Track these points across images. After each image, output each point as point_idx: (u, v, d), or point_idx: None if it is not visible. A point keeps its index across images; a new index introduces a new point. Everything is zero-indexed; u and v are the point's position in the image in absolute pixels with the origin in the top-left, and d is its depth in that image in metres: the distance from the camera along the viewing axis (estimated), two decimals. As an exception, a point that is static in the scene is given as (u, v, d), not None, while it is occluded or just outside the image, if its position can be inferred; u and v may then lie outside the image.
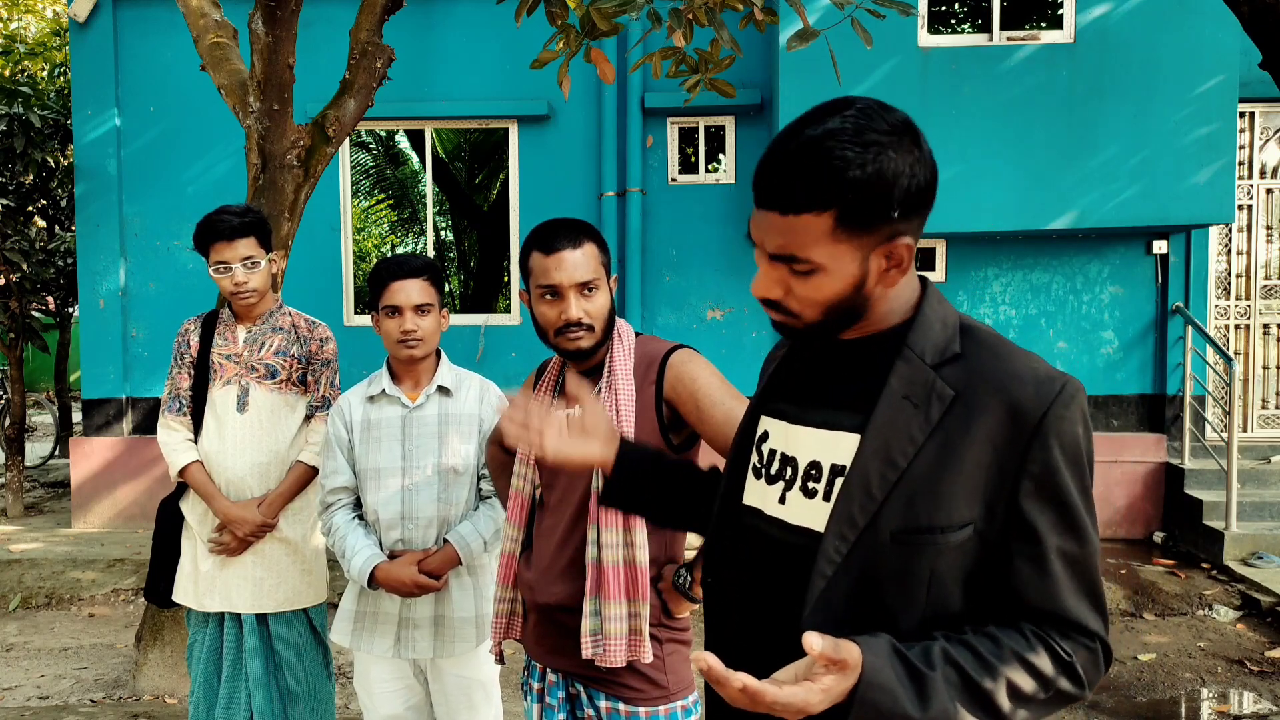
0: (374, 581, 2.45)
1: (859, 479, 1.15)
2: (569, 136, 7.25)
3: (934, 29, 6.74)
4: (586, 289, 1.94)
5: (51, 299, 8.95)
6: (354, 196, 7.65)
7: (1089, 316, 7.07)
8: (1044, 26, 6.64)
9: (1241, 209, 7.12)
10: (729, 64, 3.55)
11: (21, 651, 5.19)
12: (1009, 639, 1.13)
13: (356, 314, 7.45)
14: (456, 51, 7.23)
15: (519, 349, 7.23)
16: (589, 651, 1.88)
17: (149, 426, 7.15)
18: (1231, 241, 7.19)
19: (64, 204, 8.52)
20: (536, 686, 2.09)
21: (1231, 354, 6.81)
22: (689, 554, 2.01)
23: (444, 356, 2.64)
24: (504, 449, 2.32)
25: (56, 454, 10.26)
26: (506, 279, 7.94)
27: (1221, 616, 5.45)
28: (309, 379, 3.02)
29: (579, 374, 2.06)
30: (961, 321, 1.21)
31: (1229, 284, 7.21)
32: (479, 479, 2.59)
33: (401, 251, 12.85)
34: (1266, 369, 7.25)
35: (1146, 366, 7.05)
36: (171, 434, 2.98)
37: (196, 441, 2.98)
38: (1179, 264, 7.01)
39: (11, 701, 4.46)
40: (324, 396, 3.02)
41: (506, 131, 7.37)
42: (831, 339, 1.22)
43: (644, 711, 1.93)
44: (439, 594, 2.51)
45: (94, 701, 4.39)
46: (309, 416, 3.02)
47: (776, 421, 1.29)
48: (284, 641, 2.96)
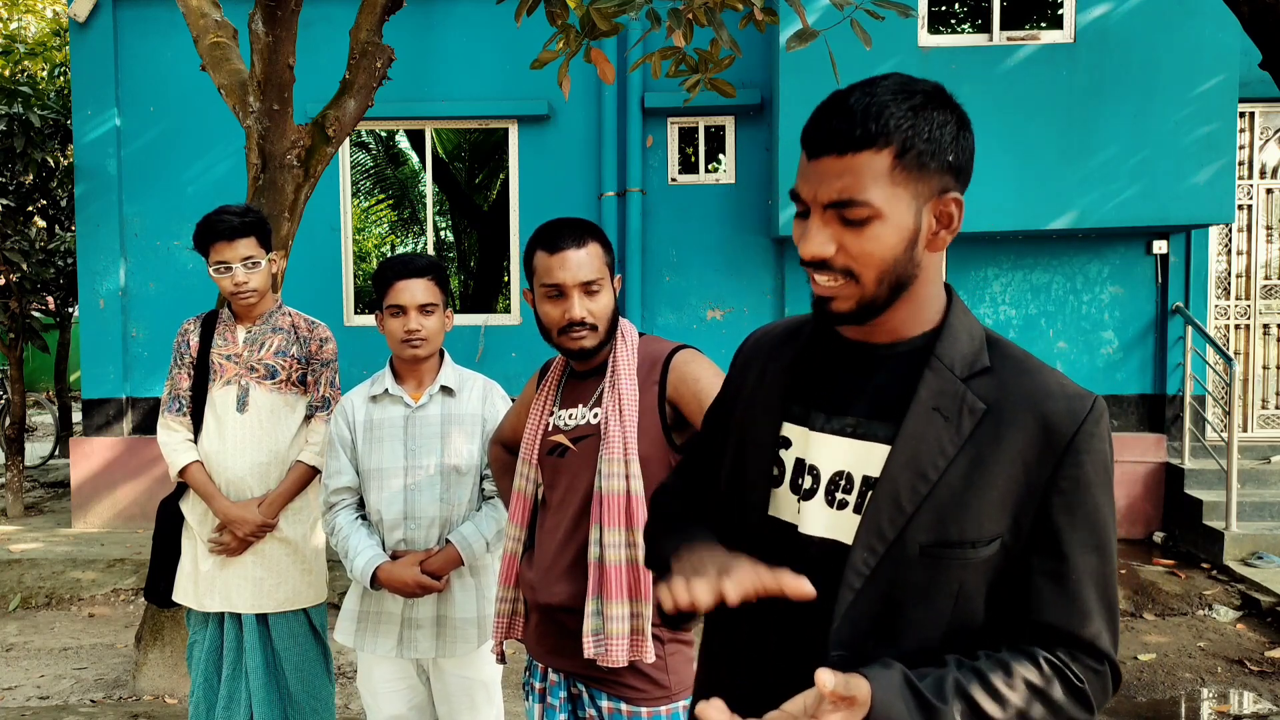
0: (376, 582, 2.46)
1: (888, 491, 1.14)
2: (569, 136, 7.25)
3: (934, 29, 6.74)
4: (590, 288, 1.94)
5: (51, 299, 8.94)
6: (354, 196, 7.65)
7: (1089, 316, 7.07)
8: (1044, 26, 6.65)
9: (1241, 209, 7.12)
10: (729, 64, 3.54)
11: (21, 651, 5.19)
12: (1023, 668, 1.12)
13: (356, 314, 7.45)
14: (456, 51, 7.22)
15: (519, 349, 7.23)
16: (591, 651, 1.88)
17: (149, 426, 7.15)
18: (1231, 241, 7.19)
19: (64, 204, 8.51)
20: (538, 686, 2.09)
21: (1231, 354, 6.81)
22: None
23: (447, 356, 2.64)
24: (506, 448, 2.32)
25: (56, 454, 10.25)
26: (506, 279, 7.93)
27: (1221, 616, 5.45)
28: (309, 379, 3.02)
29: (581, 373, 2.06)
30: (987, 334, 1.21)
31: (1229, 284, 7.21)
32: (481, 479, 2.58)
33: (402, 251, 12.83)
34: (1266, 369, 7.26)
35: (1146, 366, 7.05)
36: (171, 434, 2.98)
37: (196, 442, 2.98)
38: (1179, 264, 7.01)
39: (11, 701, 4.46)
40: (324, 396, 3.02)
41: (506, 131, 7.37)
42: (877, 316, 1.16)
43: (646, 711, 1.93)
44: (441, 594, 2.51)
45: (94, 701, 4.39)
46: (309, 416, 3.02)
47: (797, 428, 1.26)
48: (284, 641, 2.96)
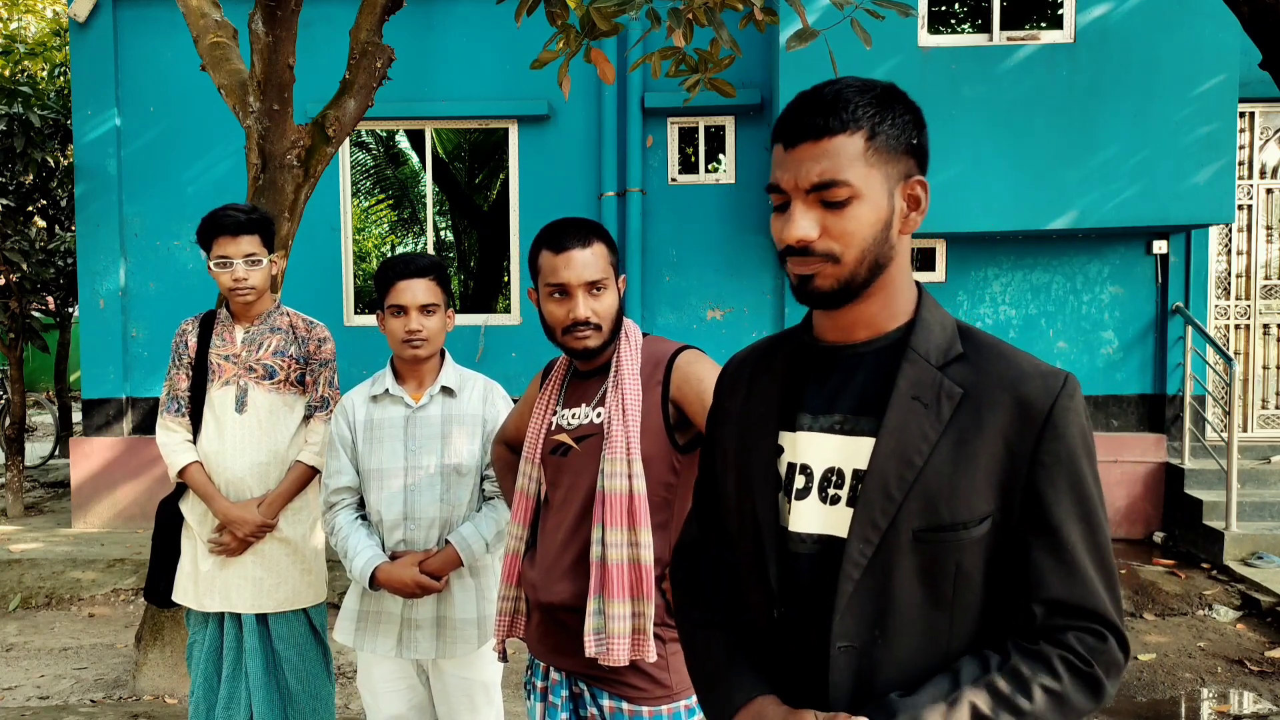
0: (375, 582, 2.45)
1: (877, 481, 1.18)
2: (569, 136, 7.25)
3: (934, 29, 6.74)
4: (594, 288, 1.95)
5: (51, 299, 8.94)
6: (354, 196, 7.65)
7: (1089, 316, 7.07)
8: (1044, 26, 6.65)
9: (1241, 209, 7.13)
10: (729, 64, 3.54)
11: (21, 651, 5.18)
12: (1037, 674, 1.13)
13: (356, 314, 7.45)
14: (456, 51, 7.22)
15: (519, 349, 7.23)
16: (592, 650, 1.88)
17: (149, 426, 7.14)
18: (1231, 241, 7.19)
19: (64, 204, 8.51)
20: (540, 685, 2.08)
21: (1231, 354, 6.81)
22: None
23: (448, 357, 2.64)
24: (510, 448, 2.32)
25: (56, 454, 10.25)
26: (506, 279, 7.92)
27: (1221, 616, 5.45)
28: (307, 379, 3.02)
29: (585, 373, 2.06)
30: (958, 325, 1.27)
31: (1229, 284, 7.22)
32: (482, 479, 2.58)
33: (402, 251, 12.83)
34: (1266, 369, 7.26)
35: (1146, 366, 7.05)
36: (170, 435, 2.98)
37: (195, 442, 2.98)
38: (1179, 264, 7.01)
39: (11, 701, 4.46)
40: (323, 396, 3.02)
41: (506, 131, 7.37)
42: (855, 298, 1.21)
43: (647, 711, 1.93)
44: (441, 595, 2.51)
45: (94, 701, 4.39)
46: (308, 416, 3.02)
47: (787, 434, 1.29)
48: (284, 641, 2.96)
